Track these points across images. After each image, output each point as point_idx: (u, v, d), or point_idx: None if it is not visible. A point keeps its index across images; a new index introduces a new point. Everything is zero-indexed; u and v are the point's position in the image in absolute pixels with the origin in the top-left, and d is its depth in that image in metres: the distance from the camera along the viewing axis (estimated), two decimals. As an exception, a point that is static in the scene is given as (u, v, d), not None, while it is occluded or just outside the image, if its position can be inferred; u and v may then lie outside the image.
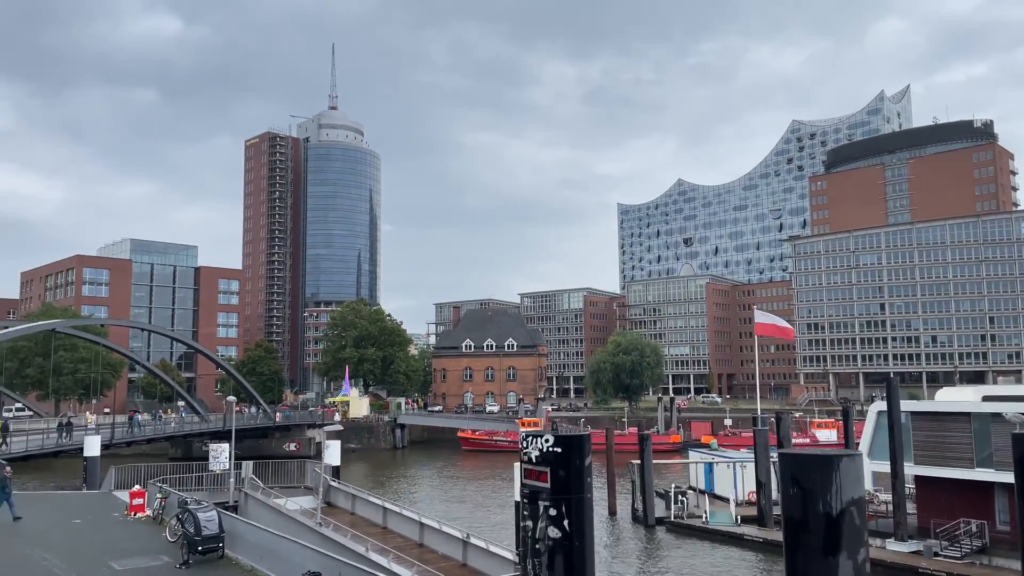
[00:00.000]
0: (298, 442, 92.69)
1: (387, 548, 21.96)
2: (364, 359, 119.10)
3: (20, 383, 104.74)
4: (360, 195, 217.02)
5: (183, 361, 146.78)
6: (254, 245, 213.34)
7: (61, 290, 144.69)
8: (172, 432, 75.25)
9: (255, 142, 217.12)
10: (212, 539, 20.09)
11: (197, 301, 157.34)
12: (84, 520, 27.33)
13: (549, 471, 12.82)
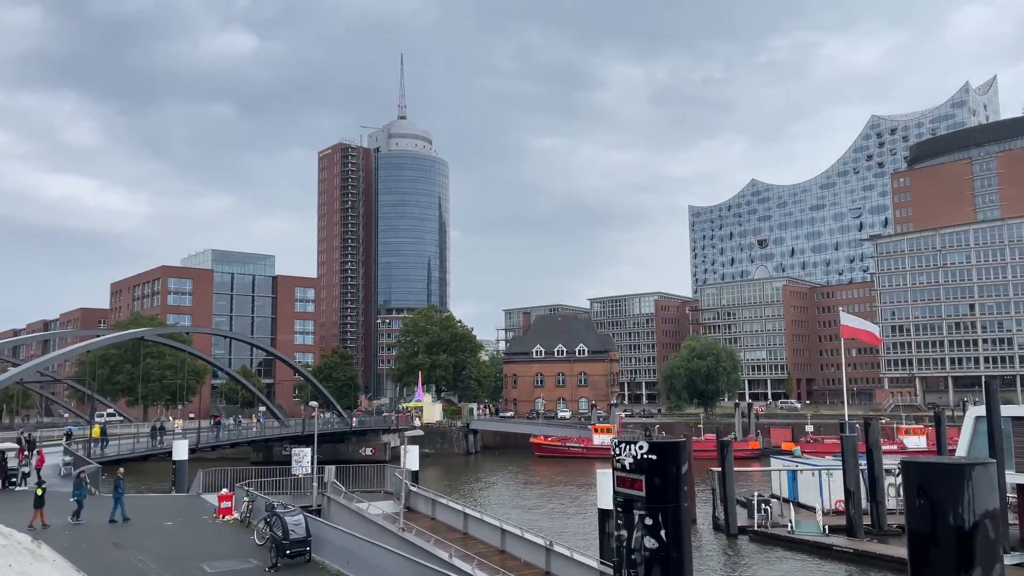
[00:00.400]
0: (374, 447, 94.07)
1: (470, 554, 21.84)
2: (436, 365, 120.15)
3: (111, 389, 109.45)
4: (429, 203, 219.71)
5: (262, 368, 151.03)
6: (328, 254, 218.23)
7: (148, 300, 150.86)
8: (254, 437, 77.33)
9: (328, 153, 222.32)
10: (299, 543, 20.33)
11: (275, 309, 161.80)
12: (175, 522, 28.12)
13: (644, 479, 12.41)
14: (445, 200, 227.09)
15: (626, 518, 12.96)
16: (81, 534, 25.99)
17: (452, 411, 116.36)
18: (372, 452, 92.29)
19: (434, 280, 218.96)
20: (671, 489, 12.95)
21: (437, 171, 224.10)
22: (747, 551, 41.95)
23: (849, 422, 48.45)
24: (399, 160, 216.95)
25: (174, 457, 43.13)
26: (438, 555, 20.79)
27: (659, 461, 13.00)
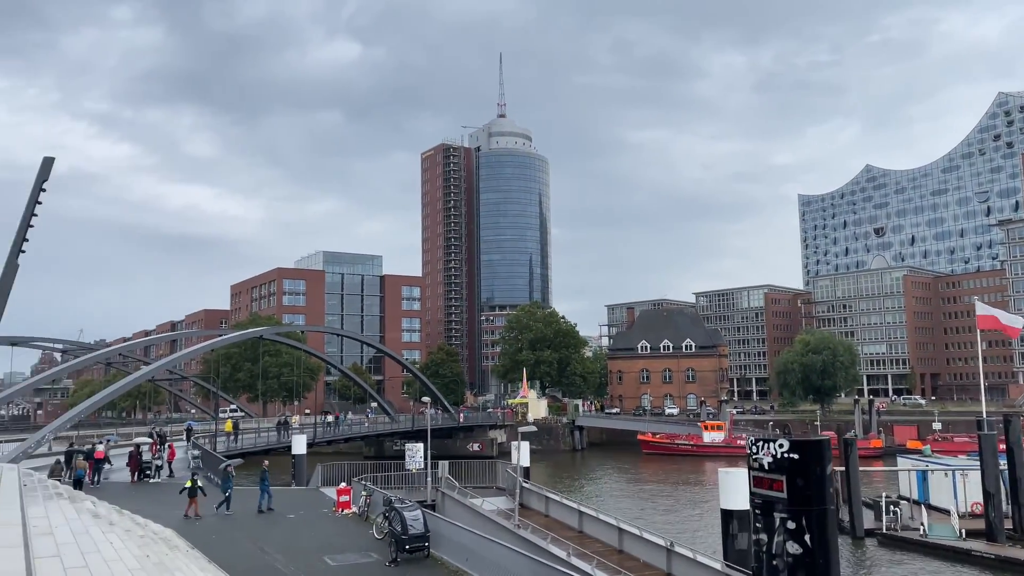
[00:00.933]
0: (481, 442, 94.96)
1: (588, 553, 21.36)
2: (540, 361, 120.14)
3: (233, 386, 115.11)
4: (530, 199, 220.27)
5: (372, 365, 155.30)
6: (432, 253, 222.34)
7: (265, 300, 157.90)
8: (367, 432, 79.40)
9: (430, 154, 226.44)
10: (418, 538, 20.40)
11: (383, 308, 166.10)
12: (297, 515, 28.94)
13: (785, 479, 11.60)
14: (545, 197, 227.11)
15: (765, 521, 12.18)
16: (211, 525, 27.08)
17: (557, 407, 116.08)
18: (479, 448, 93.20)
19: (535, 276, 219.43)
20: (815, 491, 12.06)
21: (537, 168, 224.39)
22: (876, 555, 39.66)
23: (987, 419, 44.95)
24: (499, 158, 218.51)
25: (293, 451, 44.61)
26: (556, 553, 20.41)
27: (802, 460, 12.14)
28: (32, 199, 16.23)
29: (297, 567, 20.19)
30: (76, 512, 16.55)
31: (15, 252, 16.02)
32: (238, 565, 19.56)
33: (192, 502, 28.79)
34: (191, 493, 29.07)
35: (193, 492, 28.97)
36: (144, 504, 28.96)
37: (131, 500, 29.78)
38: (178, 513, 28.64)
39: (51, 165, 16.49)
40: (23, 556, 9.17)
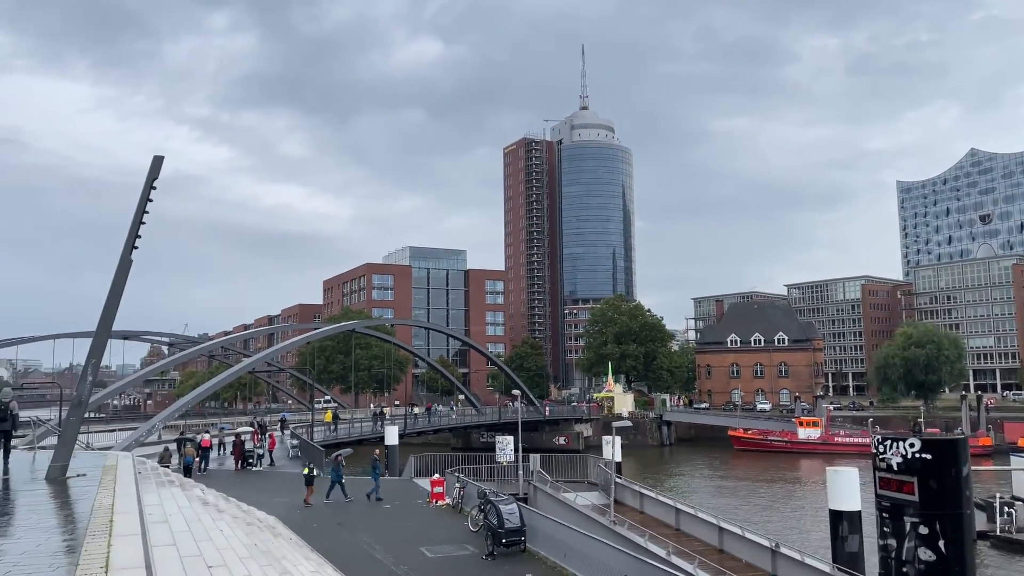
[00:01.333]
0: (567, 436, 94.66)
1: (688, 552, 20.74)
2: (626, 355, 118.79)
3: (326, 378, 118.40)
4: (613, 192, 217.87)
5: (457, 358, 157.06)
6: (514, 247, 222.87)
7: (355, 295, 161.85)
8: (454, 424, 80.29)
9: (512, 149, 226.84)
10: (515, 532, 20.24)
11: (467, 302, 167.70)
12: (393, 506, 29.30)
13: (916, 481, 10.82)
14: (629, 188, 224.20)
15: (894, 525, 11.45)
16: (311, 513, 27.69)
17: (644, 402, 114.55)
18: (565, 441, 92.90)
19: (619, 270, 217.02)
20: (951, 493, 11.26)
21: (620, 159, 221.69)
22: (990, 559, 37.36)
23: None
24: (581, 151, 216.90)
25: (386, 442, 45.39)
26: (655, 551, 19.89)
27: (935, 461, 11.35)
28: (143, 197, 16.71)
29: (396, 558, 20.35)
30: (187, 499, 17.10)
31: (128, 249, 16.53)
32: (338, 554, 19.85)
33: (310, 490, 29.68)
34: (308, 481, 29.95)
35: (310, 480, 29.86)
36: (248, 492, 29.89)
37: (235, 487, 30.81)
38: (280, 500, 29.42)
39: (161, 164, 16.93)
40: (141, 544, 9.40)
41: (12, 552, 8.62)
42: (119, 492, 13.41)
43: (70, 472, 16.37)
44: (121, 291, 17.29)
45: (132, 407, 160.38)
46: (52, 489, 14.74)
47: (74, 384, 67.97)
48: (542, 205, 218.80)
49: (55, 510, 12.41)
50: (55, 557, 8.47)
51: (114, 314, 17.25)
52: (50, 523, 10.78)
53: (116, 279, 17.22)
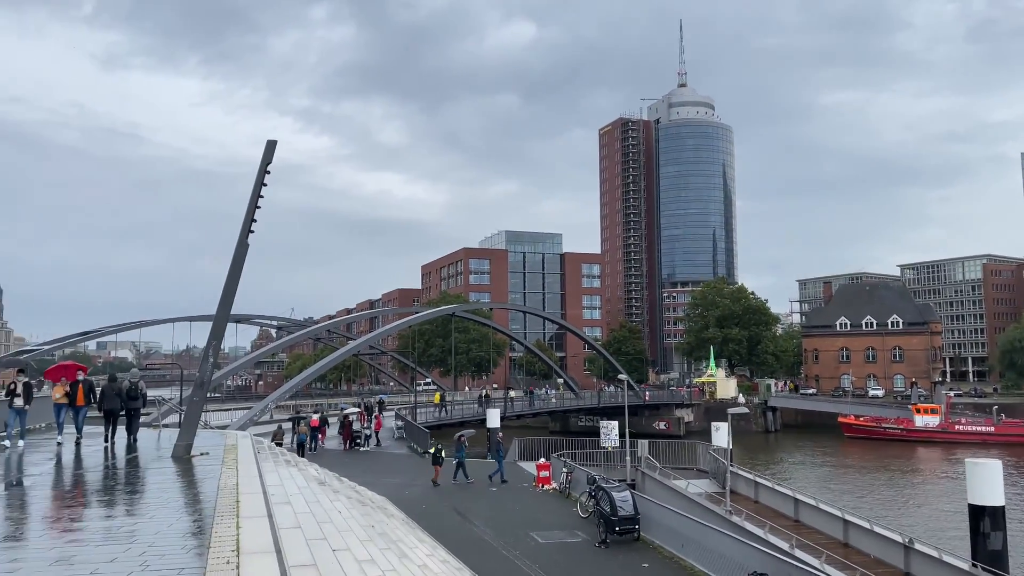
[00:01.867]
0: (667, 421, 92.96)
1: (811, 545, 19.61)
2: (728, 339, 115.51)
3: (426, 361, 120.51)
4: (713, 171, 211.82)
5: (554, 342, 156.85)
6: (611, 229, 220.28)
7: (453, 280, 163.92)
8: (553, 407, 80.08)
9: (608, 130, 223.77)
10: (628, 520, 19.65)
11: (563, 285, 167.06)
12: (500, 489, 29.19)
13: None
14: (729, 167, 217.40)
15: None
16: (419, 495, 27.89)
17: (747, 387, 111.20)
18: (665, 426, 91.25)
19: (720, 251, 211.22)
20: None
21: (720, 137, 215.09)
22: None
23: None
24: (680, 129, 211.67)
25: (488, 425, 45.44)
26: (778, 544, 18.89)
27: None
28: (258, 181, 16.88)
29: (506, 541, 20.12)
30: (304, 479, 17.34)
31: (244, 233, 16.73)
32: (448, 536, 19.78)
33: (437, 469, 29.99)
34: (435, 460, 30.21)
35: (437, 460, 30.10)
36: (357, 472, 30.45)
37: (345, 467, 31.46)
38: (388, 481, 29.80)
39: (274, 148, 17.05)
40: (269, 527, 9.35)
41: (146, 532, 8.70)
42: (242, 472, 13.61)
43: (194, 451, 16.85)
44: (239, 274, 17.60)
45: (244, 387, 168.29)
46: (178, 467, 15.16)
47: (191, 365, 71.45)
48: (639, 186, 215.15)
49: (183, 489, 12.66)
50: (186, 539, 8.48)
51: (233, 296, 17.58)
52: (179, 502, 10.95)
53: (234, 263, 17.54)
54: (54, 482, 13.30)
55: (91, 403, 18.82)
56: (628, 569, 17.86)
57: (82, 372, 19.37)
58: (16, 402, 17.92)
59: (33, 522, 9.54)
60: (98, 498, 11.31)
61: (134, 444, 21.48)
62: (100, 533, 8.66)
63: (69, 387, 18.67)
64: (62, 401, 18.68)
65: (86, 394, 18.69)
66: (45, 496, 11.53)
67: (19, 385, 18.04)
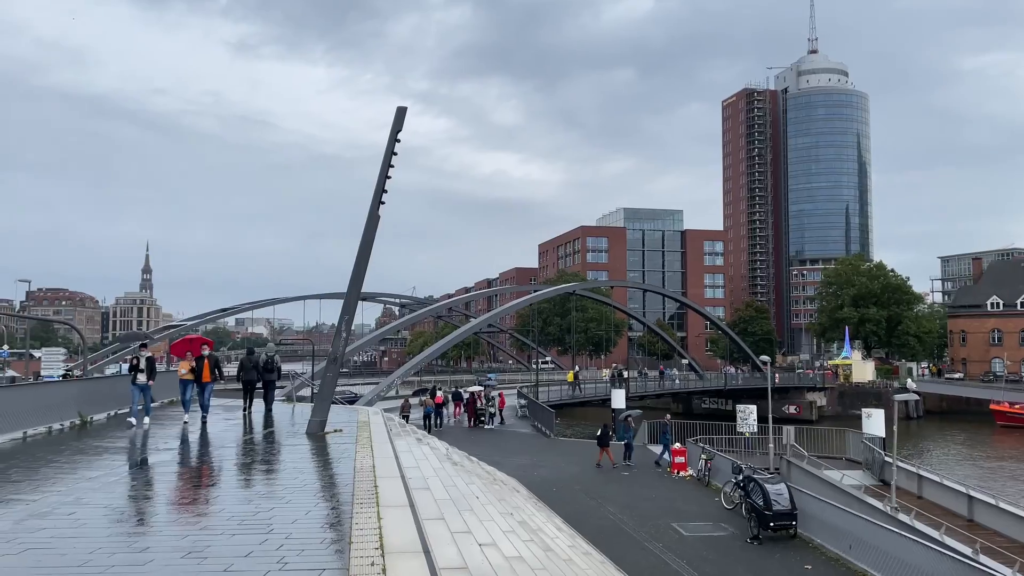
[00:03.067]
0: (798, 405, 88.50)
1: (999, 550, 17.19)
2: (865, 319, 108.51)
3: (544, 339, 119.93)
4: (846, 142, 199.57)
5: (674, 322, 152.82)
6: (734, 205, 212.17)
7: (570, 258, 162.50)
8: (678, 389, 77.67)
9: (731, 101, 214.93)
10: (784, 515, 17.86)
11: (684, 264, 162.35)
12: (631, 473, 27.83)
13: None
14: (864, 137, 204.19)
15: None
16: (548, 476, 26.90)
17: (886, 370, 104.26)
18: (796, 411, 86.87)
19: (853, 227, 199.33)
20: None
21: (854, 106, 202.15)
22: None
23: None
24: (810, 98, 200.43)
25: (613, 406, 43.98)
26: (959, 548, 16.60)
27: None
28: (388, 149, 16.09)
29: (647, 532, 18.79)
30: (438, 460, 16.63)
31: (375, 204, 15.99)
32: (584, 523, 18.67)
33: (603, 451, 29.11)
34: (602, 442, 29.28)
35: (604, 441, 29.17)
36: (484, 450, 29.85)
37: (472, 445, 30.97)
38: (515, 461, 29.05)
39: (404, 115, 16.17)
40: (412, 519, 8.46)
41: (282, 520, 7.99)
42: (377, 453, 12.96)
43: (328, 427, 16.46)
44: (370, 247, 16.99)
45: (369, 363, 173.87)
46: (313, 445, 14.73)
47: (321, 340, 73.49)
48: (765, 159, 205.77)
49: (319, 470, 12.06)
50: (325, 530, 7.70)
51: (364, 269, 17.00)
52: (315, 485, 10.28)
53: (365, 235, 16.94)
54: (182, 461, 12.98)
55: (216, 379, 18.23)
56: (789, 570, 16.13)
57: (207, 347, 18.58)
58: (139, 378, 17.25)
59: (160, 506, 9.03)
60: (231, 479, 10.80)
61: (269, 415, 21.67)
62: (234, 520, 7.99)
63: (195, 362, 18.06)
64: (188, 377, 18.03)
65: (212, 370, 18.06)
66: (173, 477, 11.14)
67: (141, 360, 17.36)
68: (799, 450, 28.43)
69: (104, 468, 11.92)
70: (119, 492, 9.73)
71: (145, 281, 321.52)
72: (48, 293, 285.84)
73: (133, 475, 11.15)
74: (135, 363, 17.36)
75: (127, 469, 11.77)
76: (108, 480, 10.44)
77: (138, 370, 17.16)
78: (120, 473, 11.24)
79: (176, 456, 13.35)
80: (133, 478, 10.91)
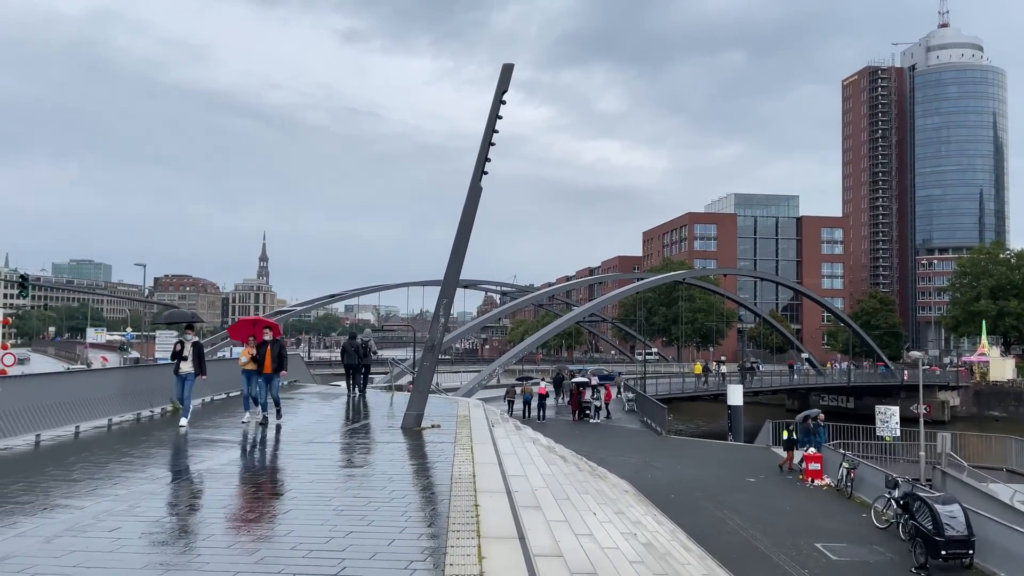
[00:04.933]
0: (929, 405, 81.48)
1: None
2: (1005, 313, 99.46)
3: (648, 330, 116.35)
4: (980, 122, 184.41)
5: (787, 313, 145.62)
6: (854, 191, 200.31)
7: (676, 246, 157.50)
8: (796, 385, 73.06)
9: (853, 80, 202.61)
10: (960, 543, 14.89)
11: (800, 252, 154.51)
12: (757, 480, 25.08)
13: None
14: (1001, 117, 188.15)
15: None
16: (662, 480, 24.57)
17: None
18: (927, 411, 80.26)
19: (987, 213, 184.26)
20: None
21: (990, 83, 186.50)
22: None
23: None
24: (940, 76, 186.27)
25: (729, 402, 41.02)
26: None
27: None
28: (493, 112, 14.12)
29: (786, 553, 16.23)
30: (546, 463, 14.69)
31: (478, 174, 14.12)
32: (712, 540, 16.31)
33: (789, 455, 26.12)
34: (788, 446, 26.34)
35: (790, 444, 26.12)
36: (591, 447, 27.81)
37: (577, 440, 28.98)
38: (625, 460, 26.84)
39: (510, 73, 14.22)
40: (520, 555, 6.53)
41: (359, 552, 6.19)
42: (479, 458, 11.09)
43: (425, 421, 14.83)
44: (471, 221, 15.17)
45: (471, 351, 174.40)
46: (408, 443, 13.08)
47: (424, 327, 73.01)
48: (889, 142, 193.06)
49: (410, 477, 10.29)
50: (413, 562, 5.88)
51: (465, 246, 15.19)
52: (404, 500, 8.47)
53: (466, 208, 15.14)
54: (254, 464, 11.36)
55: (278, 371, 14.99)
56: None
57: (271, 331, 15.23)
58: (183, 367, 14.37)
59: (215, 524, 7.39)
60: (309, 489, 9.06)
61: (363, 402, 20.59)
62: (300, 550, 6.23)
63: (256, 349, 14.98)
64: (249, 367, 14.91)
65: (275, 359, 14.84)
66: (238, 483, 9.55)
67: (187, 346, 14.51)
68: (956, 460, 24.89)
69: (176, 465, 10.66)
70: (180, 499, 8.35)
71: (262, 268, 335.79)
72: (174, 279, 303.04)
73: (196, 479, 9.72)
74: (179, 349, 14.58)
75: (190, 472, 10.39)
76: (170, 484, 9.09)
77: (181, 357, 14.41)
78: (185, 477, 9.89)
79: (249, 455, 11.91)
80: (196, 483, 9.47)
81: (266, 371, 14.78)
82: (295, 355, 32.39)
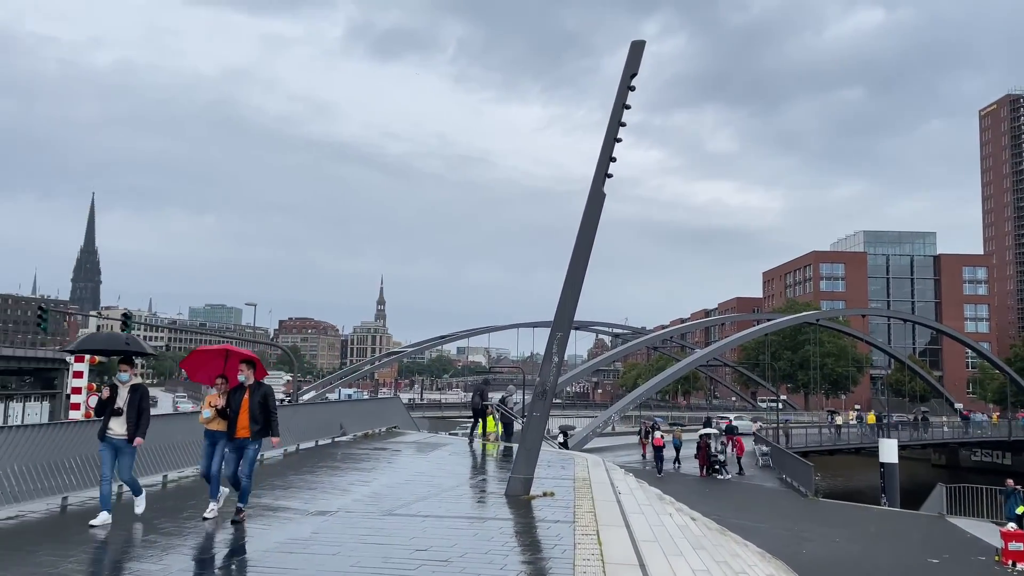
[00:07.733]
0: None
1: None
2: None
3: (772, 375, 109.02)
4: None
5: (925, 359, 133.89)
6: (997, 227, 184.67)
7: (799, 286, 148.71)
8: (948, 438, 65.28)
9: (991, 109, 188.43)
10: None
11: (938, 293, 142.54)
12: (942, 561, 20.40)
13: None
14: None
15: None
16: (823, 558, 20.38)
17: None
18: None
19: None
20: None
21: None
22: None
23: None
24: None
25: (882, 459, 35.74)
26: None
27: None
28: (620, 97, 11.16)
29: None
30: (693, 549, 11.34)
31: (600, 178, 11.18)
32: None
33: None
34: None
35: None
36: (724, 510, 23.89)
37: (707, 501, 25.15)
38: (764, 528, 22.75)
39: (641, 51, 11.37)
40: None
41: None
42: (609, 557, 7.93)
43: (535, 488, 11.79)
44: (593, 234, 12.20)
45: (581, 395, 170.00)
46: (514, 517, 10.05)
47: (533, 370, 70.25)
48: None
49: None
50: None
51: (584, 269, 12.22)
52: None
53: (586, 217, 12.18)
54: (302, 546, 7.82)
55: (261, 436, 9.19)
56: None
57: (251, 367, 9.32)
58: (112, 428, 8.64)
59: None
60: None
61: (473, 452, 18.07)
62: None
63: (228, 398, 9.23)
64: (214, 426, 9.24)
65: (255, 415, 9.05)
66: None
67: (121, 393, 8.75)
68: None
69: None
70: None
71: (379, 311, 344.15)
72: (297, 322, 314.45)
73: None
74: (107, 396, 8.83)
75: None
76: None
77: (111, 411, 8.67)
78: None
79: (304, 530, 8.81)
80: None
81: (239, 435, 9.04)
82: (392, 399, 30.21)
